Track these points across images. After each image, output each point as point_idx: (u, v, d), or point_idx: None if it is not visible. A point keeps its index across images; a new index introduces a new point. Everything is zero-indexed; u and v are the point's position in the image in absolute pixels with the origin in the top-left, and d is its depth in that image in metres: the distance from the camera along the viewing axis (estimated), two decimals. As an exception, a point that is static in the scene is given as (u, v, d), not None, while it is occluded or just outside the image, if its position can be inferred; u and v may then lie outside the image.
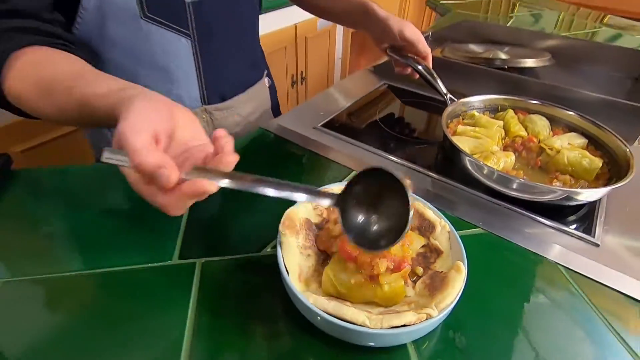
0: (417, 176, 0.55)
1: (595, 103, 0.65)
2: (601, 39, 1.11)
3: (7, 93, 0.40)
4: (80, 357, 0.32)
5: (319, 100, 0.75)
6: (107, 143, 0.64)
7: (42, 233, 0.43)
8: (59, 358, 0.31)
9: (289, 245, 0.35)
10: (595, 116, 0.59)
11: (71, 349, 0.32)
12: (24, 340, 0.32)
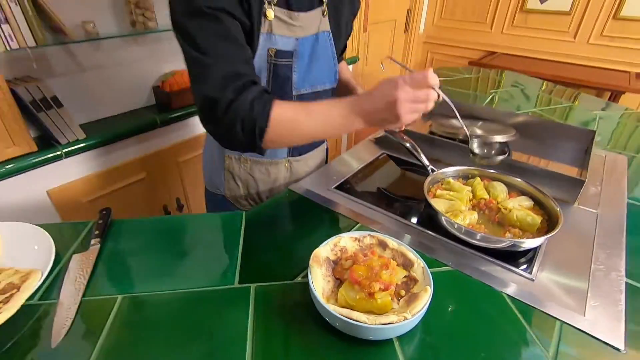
0: (405, 228, 0.74)
1: (544, 173, 0.85)
2: (568, 114, 1.34)
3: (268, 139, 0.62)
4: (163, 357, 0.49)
5: (332, 166, 0.97)
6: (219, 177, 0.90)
7: (140, 265, 0.63)
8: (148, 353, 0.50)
9: (316, 274, 0.54)
10: (544, 183, 0.79)
11: (156, 348, 0.50)
12: (133, 335, 0.51)
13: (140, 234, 0.71)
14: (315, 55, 0.78)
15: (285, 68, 0.73)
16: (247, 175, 0.88)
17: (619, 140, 1.16)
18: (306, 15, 0.73)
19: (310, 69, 0.78)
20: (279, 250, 0.67)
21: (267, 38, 0.69)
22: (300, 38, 0.74)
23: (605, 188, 0.89)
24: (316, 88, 0.82)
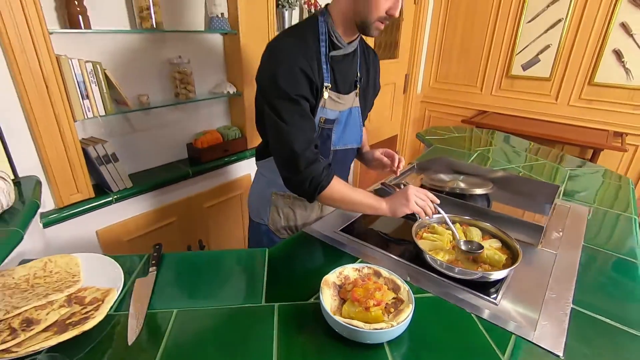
0: (397, 263, 0.91)
1: (515, 220, 1.04)
2: (544, 171, 1.55)
3: (321, 197, 0.92)
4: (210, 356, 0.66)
5: (339, 213, 1.16)
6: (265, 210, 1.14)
7: (188, 287, 0.81)
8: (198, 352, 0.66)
9: (325, 294, 0.72)
10: (514, 229, 0.97)
11: (203, 348, 0.67)
12: (187, 339, 0.68)
13: (185, 264, 0.89)
14: (348, 123, 1.05)
15: (328, 130, 1.01)
16: (288, 209, 1.11)
17: (584, 193, 1.35)
18: (346, 96, 1.01)
19: (344, 133, 1.05)
20: (295, 277, 0.85)
21: (321, 110, 0.95)
22: (342, 110, 1.01)
23: (566, 233, 1.06)
24: (347, 146, 1.09)
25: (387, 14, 0.86)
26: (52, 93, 1.09)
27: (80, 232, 1.28)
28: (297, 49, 0.87)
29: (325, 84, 0.92)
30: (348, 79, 1.00)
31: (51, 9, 1.12)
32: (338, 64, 0.96)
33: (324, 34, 0.91)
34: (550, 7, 2.73)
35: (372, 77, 1.11)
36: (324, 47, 0.91)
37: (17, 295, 0.73)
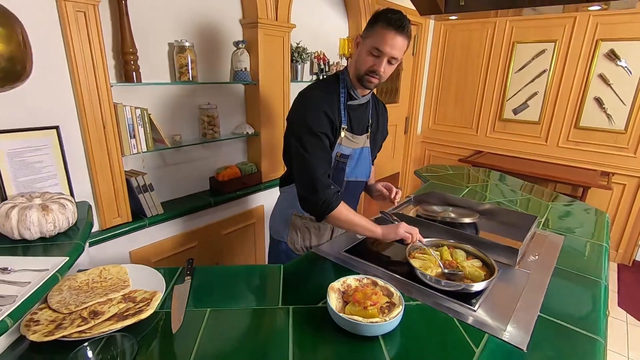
0: (392, 278, 1.07)
1: (496, 245, 1.20)
2: (529, 205, 1.73)
3: (329, 217, 1.11)
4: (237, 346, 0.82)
5: (345, 236, 1.34)
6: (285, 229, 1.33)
7: (218, 293, 0.97)
8: (228, 341, 0.82)
9: (331, 297, 0.88)
10: (496, 252, 1.14)
11: (231, 339, 0.82)
12: (218, 332, 0.84)
13: (214, 275, 1.06)
14: (360, 159, 1.27)
15: (343, 164, 1.22)
16: (305, 229, 1.30)
17: (563, 225, 1.52)
18: (359, 137, 1.24)
19: (356, 167, 1.27)
20: (306, 287, 1.01)
21: (338, 146, 1.18)
22: (355, 148, 1.23)
23: (541, 257, 1.22)
24: (357, 179, 1.30)
25: (372, 69, 1.10)
26: (108, 133, 1.33)
27: (117, 251, 1.46)
28: (323, 97, 1.14)
29: (343, 125, 1.17)
30: (361, 123, 1.25)
31: (112, 67, 1.39)
32: (354, 111, 1.21)
33: (344, 88, 1.18)
34: (535, 59, 3.04)
35: (381, 125, 1.36)
36: (343, 97, 1.17)
37: (82, 294, 0.91)
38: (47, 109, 1.20)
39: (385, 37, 1.06)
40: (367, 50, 1.09)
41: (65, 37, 1.18)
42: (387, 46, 1.06)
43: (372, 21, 1.10)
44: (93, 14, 1.21)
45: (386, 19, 1.06)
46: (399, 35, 1.06)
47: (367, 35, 1.10)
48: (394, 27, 1.05)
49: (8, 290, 0.78)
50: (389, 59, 1.09)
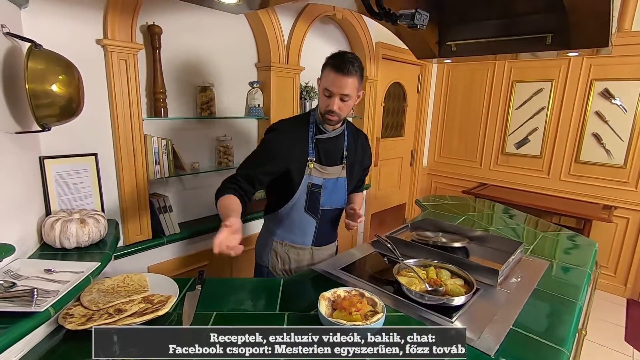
0: (381, 292, 1.18)
1: (481, 267, 1.30)
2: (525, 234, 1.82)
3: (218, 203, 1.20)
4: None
5: (342, 256, 1.46)
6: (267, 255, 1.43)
7: (224, 299, 1.10)
8: (244, 332, 0.95)
9: (322, 304, 1.00)
10: (480, 273, 1.24)
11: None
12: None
13: (222, 285, 1.20)
14: (335, 189, 1.39)
15: (317, 193, 1.35)
16: (285, 254, 1.40)
17: (551, 252, 1.60)
18: (331, 168, 1.37)
19: (331, 196, 1.39)
20: (302, 298, 1.13)
21: (308, 177, 1.31)
22: (327, 179, 1.36)
23: (523, 279, 1.31)
24: (332, 207, 1.41)
25: (328, 109, 1.23)
26: (137, 160, 1.53)
27: (137, 266, 1.62)
28: (288, 128, 1.33)
29: (310, 157, 1.30)
30: (332, 155, 1.36)
31: (144, 104, 1.62)
32: (323, 144, 1.33)
33: (313, 124, 1.33)
34: (533, 97, 3.20)
35: (360, 154, 1.45)
36: (312, 131, 1.32)
37: (108, 295, 1.06)
38: (89, 139, 1.42)
39: (333, 79, 1.19)
40: (322, 92, 1.24)
41: (108, 79, 1.42)
42: (335, 87, 1.19)
43: (324, 65, 1.24)
44: (132, 62, 1.45)
45: (332, 64, 1.20)
46: (345, 76, 1.18)
47: (321, 78, 1.26)
48: (338, 70, 1.18)
49: (52, 286, 0.94)
50: (341, 97, 1.21)
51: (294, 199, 1.33)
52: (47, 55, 1.03)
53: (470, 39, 1.90)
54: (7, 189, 1.06)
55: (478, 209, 2.29)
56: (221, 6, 1.06)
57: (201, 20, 1.74)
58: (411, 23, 0.89)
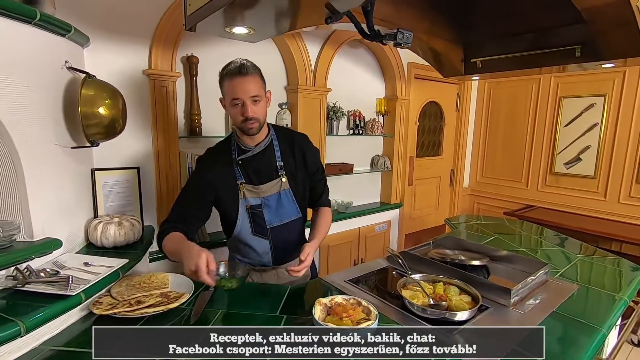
0: (388, 307, 1.19)
1: (495, 286, 1.25)
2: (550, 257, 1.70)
3: (163, 247, 1.21)
4: (248, 330, 1.01)
5: (353, 269, 1.48)
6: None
7: (232, 300, 1.19)
8: (241, 329, 1.02)
9: (317, 308, 1.04)
10: (495, 292, 1.20)
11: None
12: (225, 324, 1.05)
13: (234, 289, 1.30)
14: (281, 203, 1.31)
15: (259, 213, 1.30)
16: (249, 278, 1.35)
17: (584, 276, 1.47)
18: (266, 185, 1.29)
19: (278, 212, 1.31)
20: (303, 304, 1.18)
21: (243, 200, 1.29)
22: (265, 196, 1.29)
23: (542, 301, 1.23)
24: (284, 221, 1.33)
25: (244, 117, 1.17)
26: (173, 173, 1.73)
27: (169, 269, 1.78)
28: (210, 157, 1.31)
29: (238, 181, 1.26)
30: (263, 172, 1.29)
31: (181, 124, 1.83)
32: (249, 163, 1.27)
33: (234, 145, 1.28)
34: (584, 113, 2.98)
35: (299, 160, 1.33)
36: (235, 153, 1.27)
37: (134, 289, 1.20)
38: (133, 154, 1.64)
39: (235, 85, 1.14)
40: (230, 105, 1.18)
41: (152, 103, 1.65)
42: (241, 92, 1.14)
43: (220, 81, 1.20)
44: (172, 88, 1.67)
45: (228, 73, 1.16)
46: (246, 77, 1.14)
47: (223, 94, 1.21)
48: (237, 74, 1.14)
49: (87, 276, 1.10)
50: (252, 101, 1.16)
51: (238, 225, 1.30)
52: (97, 83, 1.24)
53: (495, 55, 1.88)
54: (64, 194, 1.27)
55: (534, 239, 2.13)
56: (236, 37, 1.21)
57: (234, 49, 1.94)
58: (395, 42, 0.95)
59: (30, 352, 0.92)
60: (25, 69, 1.06)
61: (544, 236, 2.08)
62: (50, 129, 1.17)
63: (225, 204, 1.30)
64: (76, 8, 1.43)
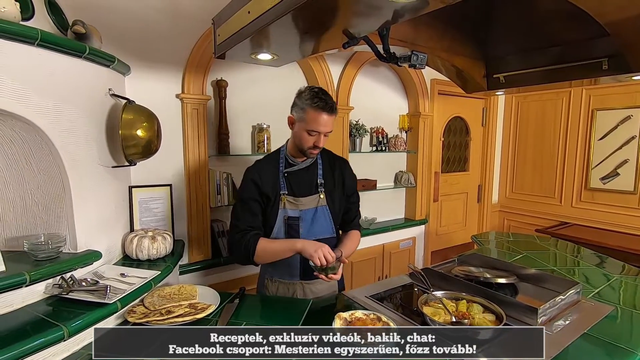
0: (408, 322, 1.18)
1: (515, 303, 1.22)
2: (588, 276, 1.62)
3: (256, 255, 1.28)
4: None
5: (376, 284, 1.49)
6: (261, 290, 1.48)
7: (258, 312, 1.23)
8: (264, 341, 1.05)
9: (337, 322, 1.06)
10: (513, 310, 1.17)
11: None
12: (255, 335, 1.08)
13: (259, 301, 1.34)
14: (316, 219, 1.38)
15: (295, 225, 1.35)
16: (276, 290, 1.43)
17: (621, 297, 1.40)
18: (305, 199, 1.36)
19: (313, 227, 1.37)
20: (324, 317, 1.20)
21: (283, 210, 1.35)
22: (303, 210, 1.36)
23: (573, 322, 1.18)
24: (318, 237, 1.36)
25: (313, 145, 1.28)
26: (203, 190, 1.82)
27: (198, 282, 1.85)
28: (261, 166, 1.37)
29: (281, 192, 1.34)
30: (305, 185, 1.37)
31: (211, 143, 1.94)
32: (294, 176, 1.36)
33: (283, 159, 1.38)
34: (620, 126, 2.86)
35: (338, 181, 1.43)
36: (282, 165, 1.37)
37: (165, 300, 1.27)
38: (167, 172, 1.76)
39: (319, 120, 1.24)
40: (306, 131, 1.27)
41: (183, 125, 1.77)
42: (322, 127, 1.25)
43: (302, 106, 1.26)
44: (202, 110, 1.78)
45: (318, 106, 1.23)
46: (330, 115, 1.25)
47: (301, 119, 1.28)
48: (325, 111, 1.23)
49: (123, 286, 1.18)
50: (325, 134, 1.28)
51: (273, 234, 1.36)
52: (135, 108, 1.36)
53: (518, 70, 1.87)
54: (105, 210, 1.38)
55: (570, 259, 2.03)
56: (261, 62, 1.30)
57: (261, 73, 2.05)
58: (410, 63, 0.99)
59: (72, 356, 1.00)
60: (75, 97, 1.19)
61: (580, 255, 1.98)
62: (94, 151, 1.29)
63: (266, 213, 1.36)
64: (119, 41, 1.58)
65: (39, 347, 0.90)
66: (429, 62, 1.95)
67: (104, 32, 1.42)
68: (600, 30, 1.39)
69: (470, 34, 1.86)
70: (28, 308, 1.04)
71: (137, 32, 1.63)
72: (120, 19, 1.59)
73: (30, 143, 1.16)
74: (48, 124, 1.10)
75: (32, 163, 1.20)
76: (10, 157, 1.19)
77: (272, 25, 0.87)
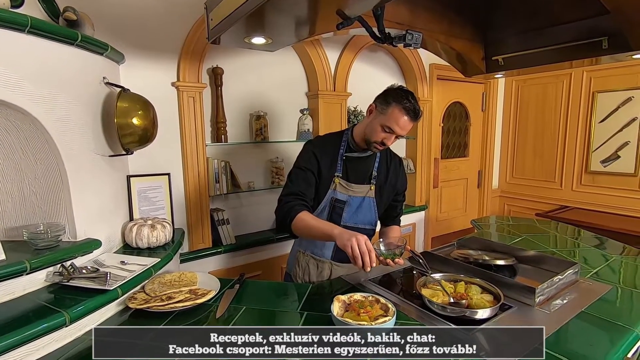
0: (408, 306, 1.19)
1: (513, 284, 1.22)
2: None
3: (293, 225, 1.25)
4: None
5: (375, 268, 1.49)
6: (293, 265, 1.50)
7: (257, 297, 1.24)
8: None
9: (335, 305, 1.07)
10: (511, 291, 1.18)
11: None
12: (249, 321, 1.10)
13: (259, 287, 1.35)
14: (361, 208, 1.42)
15: (339, 209, 1.39)
16: (306, 265, 1.47)
17: (620, 276, 1.40)
18: (357, 186, 1.41)
19: (356, 214, 1.42)
20: (323, 301, 1.21)
21: (333, 192, 1.39)
22: (352, 196, 1.41)
23: (570, 301, 1.19)
24: (358, 225, 1.42)
25: (382, 141, 1.29)
26: (201, 179, 1.82)
27: (198, 269, 1.86)
28: (319, 143, 1.40)
29: (336, 173, 1.36)
30: (360, 173, 1.40)
31: (208, 132, 1.93)
32: (351, 162, 1.39)
33: (345, 142, 1.40)
34: (620, 107, 2.84)
35: (392, 178, 1.47)
36: (343, 148, 1.38)
37: (165, 286, 1.28)
38: (164, 161, 1.75)
39: (400, 121, 1.24)
40: (381, 126, 1.27)
41: (180, 113, 1.76)
42: (399, 129, 1.25)
43: (389, 100, 1.26)
44: (199, 98, 1.77)
45: (404, 107, 1.22)
46: (411, 121, 1.25)
47: (382, 112, 1.28)
48: (409, 115, 1.23)
49: (123, 274, 1.19)
50: (397, 136, 1.29)
51: (317, 210, 1.39)
52: (130, 96, 1.35)
53: (516, 52, 1.84)
54: (103, 199, 1.38)
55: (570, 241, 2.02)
56: (255, 46, 1.28)
57: (257, 59, 2.03)
58: (405, 43, 0.97)
59: (74, 341, 1.01)
60: (69, 85, 1.18)
61: (580, 237, 1.99)
62: (90, 140, 1.28)
63: (318, 190, 1.37)
64: (112, 29, 1.56)
65: (41, 333, 0.91)
66: (428, 46, 1.93)
67: (96, 20, 1.40)
68: (600, 8, 1.36)
69: (468, 17, 1.83)
70: (30, 296, 1.06)
71: (130, 19, 1.61)
72: (113, 5, 1.57)
73: (26, 133, 1.16)
74: (43, 113, 1.09)
75: (29, 153, 1.19)
76: (7, 148, 1.19)
77: (264, 5, 0.86)
